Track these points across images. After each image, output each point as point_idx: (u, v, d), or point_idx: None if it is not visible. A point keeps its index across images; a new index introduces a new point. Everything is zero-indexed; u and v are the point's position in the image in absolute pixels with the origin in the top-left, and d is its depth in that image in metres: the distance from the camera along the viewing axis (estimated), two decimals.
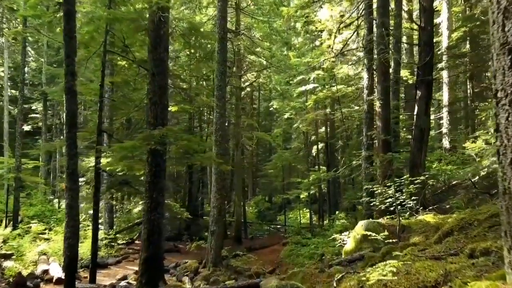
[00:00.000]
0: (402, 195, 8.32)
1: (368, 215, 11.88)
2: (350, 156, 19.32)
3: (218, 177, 13.54)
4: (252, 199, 34.87)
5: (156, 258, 6.16)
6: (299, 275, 6.95)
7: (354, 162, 12.75)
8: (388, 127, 12.11)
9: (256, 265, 15.01)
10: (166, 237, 22.05)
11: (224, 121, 13.85)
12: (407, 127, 19.93)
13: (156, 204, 6.28)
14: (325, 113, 21.97)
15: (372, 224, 8.05)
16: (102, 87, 8.71)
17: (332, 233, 16.17)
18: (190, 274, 12.51)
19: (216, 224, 13.49)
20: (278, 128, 29.07)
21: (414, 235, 7.27)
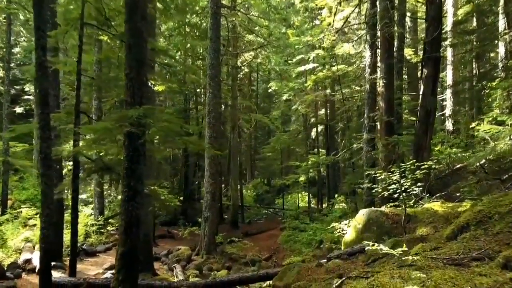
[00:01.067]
0: (407, 181, 7.62)
1: (369, 202, 11.24)
2: (351, 139, 18.61)
3: (212, 161, 12.87)
4: (250, 182, 34.33)
5: (134, 253, 5.51)
6: (294, 270, 6.32)
7: (355, 145, 12.04)
8: (391, 108, 11.35)
9: (252, 252, 14.48)
10: (161, 222, 21.63)
11: (217, 102, 13.08)
12: (410, 108, 19.16)
13: (134, 193, 5.59)
14: (325, 94, 21.15)
15: (374, 213, 7.39)
16: (79, 64, 7.92)
17: (331, 218, 15.62)
18: (182, 262, 11.95)
19: (209, 210, 12.88)
20: (277, 110, 28.25)
21: (421, 226, 6.61)
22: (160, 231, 17.71)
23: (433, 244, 4.38)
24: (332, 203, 17.41)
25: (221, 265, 12.36)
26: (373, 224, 7.26)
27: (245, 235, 17.74)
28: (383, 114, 11.19)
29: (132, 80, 5.88)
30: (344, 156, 12.41)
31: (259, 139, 37.95)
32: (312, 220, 17.92)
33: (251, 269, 12.31)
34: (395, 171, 7.51)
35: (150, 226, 10.25)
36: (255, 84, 33.79)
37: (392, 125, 11.24)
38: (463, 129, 21.67)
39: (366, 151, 11.46)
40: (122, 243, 5.68)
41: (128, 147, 5.83)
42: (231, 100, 20.31)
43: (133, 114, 5.38)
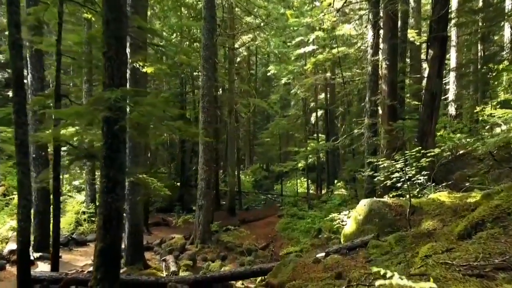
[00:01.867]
0: (411, 169, 7.09)
1: (370, 190, 10.76)
2: (351, 124, 18.06)
3: (206, 148, 12.34)
4: (249, 167, 33.87)
5: (115, 249, 5.02)
6: (290, 266, 5.85)
7: (356, 130, 11.50)
8: (394, 91, 10.77)
9: (249, 240, 14.06)
10: (157, 208, 21.21)
11: (212, 85, 12.47)
12: (413, 92, 18.53)
13: (114, 184, 5.08)
14: (325, 78, 20.48)
15: (376, 203, 6.89)
16: (58, 43, 7.30)
17: (330, 206, 15.18)
18: (175, 252, 11.52)
19: (204, 198, 12.41)
20: (276, 95, 27.56)
21: (427, 219, 6.12)
22: (155, 218, 17.31)
23: (445, 244, 3.87)
24: (331, 189, 16.95)
25: (216, 254, 11.95)
26: (375, 216, 6.77)
27: (242, 222, 17.33)
28: (385, 97, 10.62)
29: (110, 59, 5.28)
30: (344, 142, 11.88)
31: (258, 124, 37.36)
32: (310, 207, 17.51)
33: (247, 259, 11.90)
34: (399, 159, 6.99)
35: (140, 215, 9.78)
36: (254, 67, 33.02)
37: (395, 110, 10.68)
38: (466, 114, 21.11)
39: (368, 137, 10.92)
40: (100, 239, 5.18)
41: (107, 133, 5.27)
42: (228, 83, 19.65)
43: (109, 97, 4.82)
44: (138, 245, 9.65)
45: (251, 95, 27.40)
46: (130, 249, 9.54)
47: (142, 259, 9.76)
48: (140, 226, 9.70)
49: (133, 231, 9.52)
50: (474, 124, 18.82)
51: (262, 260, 12.17)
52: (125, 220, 9.74)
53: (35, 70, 10.21)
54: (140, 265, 9.51)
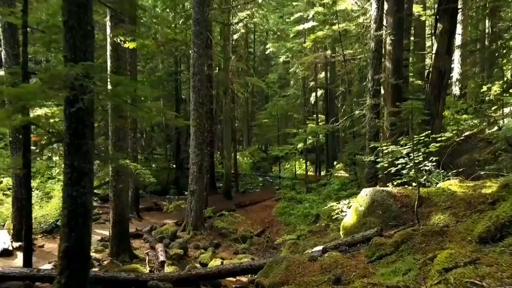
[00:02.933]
0: (418, 155, 6.40)
1: (372, 175, 10.09)
2: (352, 104, 17.27)
3: (197, 130, 11.61)
4: (247, 149, 33.22)
5: (82, 250, 4.37)
6: (282, 265, 5.22)
7: (357, 112, 10.75)
8: (400, 69, 9.98)
9: (244, 226, 13.51)
10: (151, 191, 20.63)
11: (203, 63, 11.65)
12: (416, 70, 17.69)
13: (79, 175, 4.41)
14: (324, 56, 19.56)
15: (379, 193, 6.22)
16: (25, 14, 6.48)
17: (329, 190, 14.57)
18: (165, 240, 10.93)
19: (196, 183, 11.76)
20: (274, 74, 26.65)
21: (436, 212, 5.46)
22: (147, 203, 16.71)
23: (466, 252, 3.19)
24: (331, 173, 16.33)
25: (208, 242, 11.38)
26: (378, 207, 6.11)
27: (238, 206, 16.76)
28: (389, 76, 9.83)
29: (71, 29, 4.51)
30: (344, 124, 11.15)
31: (257, 105, 36.45)
32: (309, 190, 16.91)
33: (241, 246, 11.35)
34: (405, 143, 6.30)
35: (126, 203, 9.14)
36: (252, 46, 31.95)
37: (400, 89, 9.91)
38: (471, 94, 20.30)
39: (370, 118, 10.18)
40: (65, 238, 4.53)
41: (69, 117, 4.55)
42: (223, 61, 18.75)
43: (68, 73, 4.07)
44: (123, 234, 9.04)
45: (249, 74, 26.50)
46: (115, 239, 8.94)
47: (128, 249, 9.17)
48: (125, 214, 9.07)
49: (117, 220, 8.90)
50: (479, 104, 18.05)
51: (257, 247, 11.63)
52: (110, 208, 9.12)
53: (9, 46, 9.38)
54: (126, 256, 8.93)
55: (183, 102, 26.07)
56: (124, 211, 9.02)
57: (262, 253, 11.15)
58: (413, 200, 6.00)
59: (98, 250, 9.18)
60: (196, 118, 11.52)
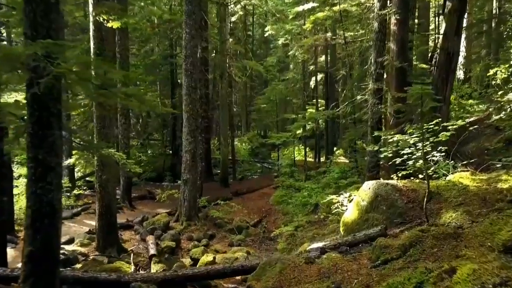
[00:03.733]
0: (426, 145, 5.83)
1: (373, 164, 9.54)
2: (353, 89, 16.61)
3: (190, 116, 11.03)
4: (246, 134, 32.61)
5: (47, 254, 3.84)
6: (276, 268, 4.71)
7: (359, 97, 10.15)
8: (405, 51, 9.33)
9: (240, 216, 13.04)
10: (146, 178, 20.13)
11: (195, 44, 10.98)
12: (419, 53, 16.97)
13: (45, 170, 3.89)
14: (325, 38, 18.79)
15: (383, 187, 5.67)
16: None
17: (329, 179, 14.07)
18: (157, 232, 10.46)
19: (189, 172, 11.24)
20: (272, 57, 25.85)
21: (447, 209, 4.93)
22: (141, 191, 16.20)
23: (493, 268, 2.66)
24: (330, 160, 15.80)
25: (202, 233, 10.93)
26: (382, 202, 5.58)
27: (234, 194, 16.28)
28: (394, 58, 9.18)
29: (31, 2, 3.89)
30: (345, 110, 10.55)
31: (256, 89, 35.66)
32: (308, 178, 16.40)
33: (237, 237, 10.89)
34: (413, 132, 5.73)
35: (112, 194, 8.61)
36: (251, 28, 31.04)
37: (405, 72, 9.29)
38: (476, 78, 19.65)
39: (372, 104, 9.56)
40: (29, 241, 4.01)
41: (32, 103, 3.97)
42: (219, 44, 18.02)
43: (26, 53, 3.47)
44: (110, 227, 8.55)
45: (248, 57, 25.71)
46: (102, 232, 8.45)
47: (116, 243, 8.70)
48: (112, 206, 8.56)
49: (104, 212, 8.39)
50: (485, 89, 17.41)
51: (253, 238, 11.18)
52: (96, 200, 8.61)
53: None
54: (114, 250, 8.46)
55: (179, 86, 25.33)
56: (111, 202, 8.50)
57: (258, 245, 10.71)
58: (420, 195, 5.47)
59: (84, 244, 8.70)
60: (188, 103, 10.93)
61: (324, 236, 10.02)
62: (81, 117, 14.73)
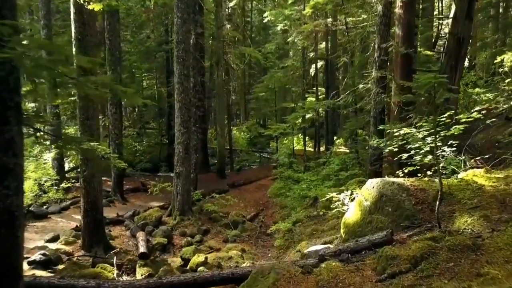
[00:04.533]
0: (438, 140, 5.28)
1: (376, 157, 9.01)
2: (354, 77, 15.98)
3: (183, 106, 10.45)
4: (244, 123, 32.00)
5: (6, 268, 3.32)
6: (269, 279, 4.20)
7: (361, 85, 9.55)
8: (411, 36, 8.73)
9: (236, 209, 12.55)
10: (141, 168, 19.62)
11: (188, 29, 10.34)
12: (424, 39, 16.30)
13: (1, 172, 3.26)
14: (325, 24, 18.07)
15: (389, 186, 5.14)
16: None
17: (328, 171, 13.54)
18: (149, 227, 9.99)
19: (182, 164, 10.71)
20: (271, 44, 25.07)
21: (461, 212, 4.40)
22: (135, 183, 15.69)
23: None
24: (330, 151, 15.25)
25: (196, 228, 10.45)
26: (387, 203, 5.05)
27: (231, 186, 15.79)
28: (399, 44, 8.57)
29: None
30: (347, 100, 9.96)
31: (255, 77, 34.93)
32: (307, 168, 15.88)
33: (232, 233, 10.42)
34: (422, 125, 5.19)
35: (98, 189, 8.08)
36: (250, 14, 30.24)
37: (410, 59, 8.71)
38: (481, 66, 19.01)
39: (375, 93, 8.98)
40: None
41: None
42: (216, 30, 17.32)
43: None
44: (96, 224, 8.05)
45: (246, 44, 24.96)
46: (87, 230, 7.96)
47: (103, 240, 8.21)
48: (98, 202, 8.04)
49: (89, 208, 7.89)
50: (491, 77, 16.78)
51: (249, 234, 10.70)
52: (80, 196, 8.09)
53: None
54: (100, 248, 7.98)
55: None
56: (96, 198, 7.99)
57: (254, 241, 10.24)
58: (430, 195, 4.94)
59: (69, 242, 8.21)
60: (181, 92, 10.34)
61: (324, 232, 9.55)
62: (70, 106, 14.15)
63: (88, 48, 7.41)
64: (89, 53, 7.40)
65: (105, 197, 12.81)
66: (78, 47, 7.36)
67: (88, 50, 7.41)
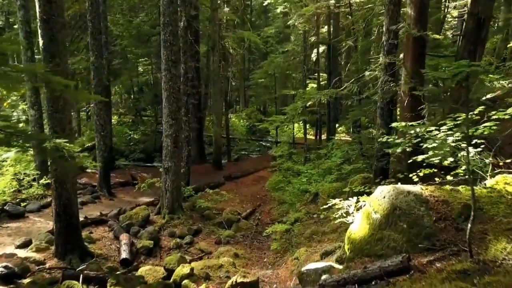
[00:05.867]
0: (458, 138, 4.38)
1: (383, 153, 8.10)
2: (358, 62, 14.95)
3: (171, 94, 9.53)
4: (244, 110, 31.03)
5: None
6: None
7: (367, 73, 8.58)
8: (425, 17, 7.73)
9: (231, 206, 11.71)
10: (134, 159, 18.76)
11: (175, 10, 9.34)
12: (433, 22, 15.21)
13: None
14: (327, 6, 16.95)
15: (404, 197, 4.26)
16: None
17: (330, 165, 12.63)
18: (134, 228, 9.18)
19: (171, 159, 9.84)
20: (271, 27, 23.92)
21: (496, 234, 3.52)
22: (125, 176, 14.82)
23: None
24: (333, 142, 14.34)
25: (187, 228, 9.65)
26: (402, 218, 4.18)
27: (227, 179, 14.97)
28: (411, 25, 7.57)
29: None
30: (351, 89, 9.01)
31: (256, 62, 33.73)
32: (307, 160, 14.99)
33: (226, 233, 9.62)
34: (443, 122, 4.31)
35: (72, 190, 7.23)
36: None
37: (424, 43, 7.74)
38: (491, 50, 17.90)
39: (383, 81, 8.01)
40: None
41: None
42: (210, 12, 16.25)
43: None
44: (71, 229, 7.22)
45: (246, 28, 23.83)
46: (60, 236, 7.14)
47: (79, 247, 7.40)
48: (72, 204, 7.19)
49: (61, 212, 7.05)
50: (502, 62, 15.74)
51: (244, 234, 9.87)
52: (52, 198, 7.24)
53: None
54: (75, 256, 7.17)
55: None
56: (70, 201, 7.13)
57: (249, 242, 9.41)
58: (454, 210, 4.07)
59: (41, 249, 7.38)
60: (168, 80, 9.40)
61: (325, 235, 8.72)
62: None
63: (56, 29, 6.46)
64: (56, 36, 6.46)
65: (91, 193, 12.04)
66: (44, 28, 6.41)
67: (55, 32, 6.46)
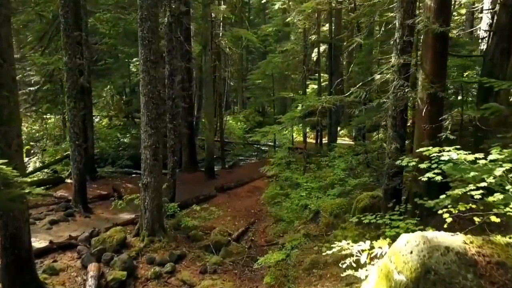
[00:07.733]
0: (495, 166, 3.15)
1: (396, 171, 6.85)
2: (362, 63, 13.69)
3: (150, 100, 8.29)
4: (241, 112, 29.81)
5: None
6: None
7: (378, 76, 7.35)
8: (447, 9, 6.50)
9: (221, 224, 10.47)
10: (121, 165, 17.45)
11: (154, 4, 8.08)
12: None
13: None
14: (329, 2, 15.74)
15: (441, 257, 3.00)
16: None
17: (332, 179, 11.38)
18: (106, 254, 7.92)
19: (150, 174, 8.60)
20: (269, 26, 22.68)
21: None
22: (108, 186, 13.53)
23: None
24: (334, 151, 13.11)
25: (168, 253, 8.40)
26: (438, 285, 2.92)
27: (219, 190, 13.71)
28: (431, 19, 6.31)
29: None
30: (359, 95, 7.76)
31: (255, 62, 32.45)
32: (307, 168, 13.72)
33: (213, 259, 8.36)
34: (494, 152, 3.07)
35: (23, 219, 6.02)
36: None
37: (446, 41, 6.48)
38: None
39: (396, 86, 6.76)
40: None
41: None
42: (202, 8, 15.00)
43: None
44: (20, 264, 5.99)
45: (244, 27, 22.66)
46: (7, 274, 5.91)
47: (34, 284, 6.16)
48: (22, 235, 5.96)
49: (8, 245, 5.82)
50: None
51: (234, 260, 8.60)
52: None
53: None
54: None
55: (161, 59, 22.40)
56: (19, 230, 5.90)
57: (240, 272, 8.13)
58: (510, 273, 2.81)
59: None
60: (147, 83, 8.17)
61: (327, 268, 7.46)
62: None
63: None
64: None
65: (64, 209, 10.78)
66: None
67: None
